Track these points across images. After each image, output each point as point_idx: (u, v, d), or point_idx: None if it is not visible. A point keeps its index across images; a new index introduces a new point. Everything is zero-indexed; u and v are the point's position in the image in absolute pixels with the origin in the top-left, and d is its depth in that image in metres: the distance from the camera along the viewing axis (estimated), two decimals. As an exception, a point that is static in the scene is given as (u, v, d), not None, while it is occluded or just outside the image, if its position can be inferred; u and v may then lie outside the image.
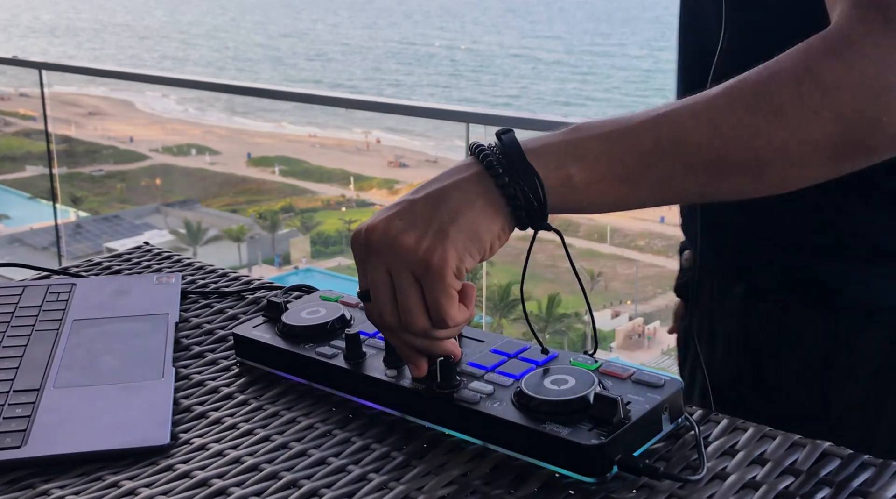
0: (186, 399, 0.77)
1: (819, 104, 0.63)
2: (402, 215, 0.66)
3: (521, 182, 0.65)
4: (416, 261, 0.64)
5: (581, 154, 0.65)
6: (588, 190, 0.66)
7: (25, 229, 9.12)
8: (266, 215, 12.94)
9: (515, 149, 0.66)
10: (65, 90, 4.71)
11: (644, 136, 0.65)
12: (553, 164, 0.65)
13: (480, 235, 0.65)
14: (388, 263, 0.66)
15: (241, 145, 14.06)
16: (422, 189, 0.67)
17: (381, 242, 0.65)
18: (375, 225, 0.66)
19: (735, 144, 0.64)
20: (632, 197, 0.67)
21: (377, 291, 0.67)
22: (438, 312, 0.65)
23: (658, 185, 0.66)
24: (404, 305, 0.66)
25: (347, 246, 0.89)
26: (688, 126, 0.65)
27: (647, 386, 0.67)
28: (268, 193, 13.77)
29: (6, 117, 7.64)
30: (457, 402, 0.68)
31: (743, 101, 0.64)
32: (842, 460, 0.64)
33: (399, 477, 0.64)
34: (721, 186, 0.67)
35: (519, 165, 0.65)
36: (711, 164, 0.65)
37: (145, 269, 1.07)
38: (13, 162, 8.26)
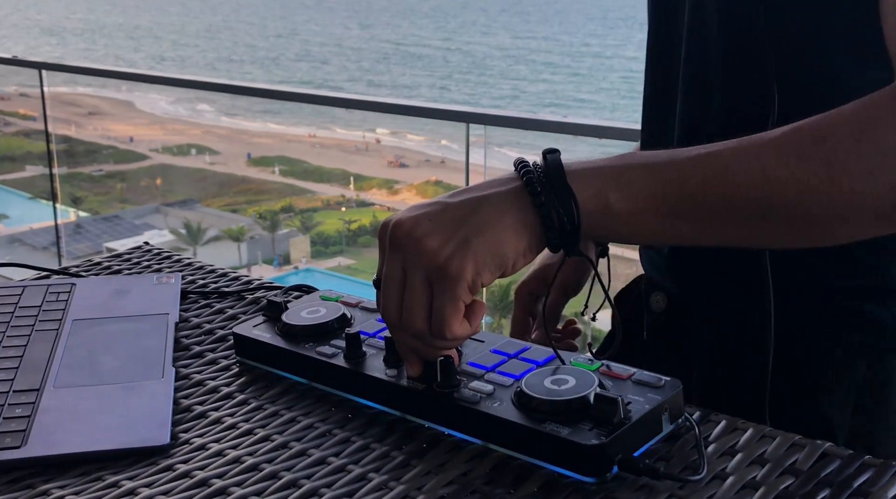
0: (186, 399, 0.77)
1: (876, 166, 0.61)
2: (431, 217, 0.65)
3: (558, 203, 0.64)
4: (434, 266, 0.64)
5: (624, 183, 0.64)
6: (626, 220, 0.65)
7: (25, 229, 9.12)
8: (266, 215, 12.94)
9: (557, 169, 0.65)
10: (52, 90, 4.70)
11: (691, 173, 0.64)
12: (593, 189, 0.64)
13: (504, 250, 0.64)
14: (405, 260, 0.65)
15: (241, 145, 14.05)
16: (459, 194, 0.67)
17: (405, 239, 0.65)
18: (403, 221, 0.66)
19: (783, 192, 0.62)
20: (670, 233, 0.66)
21: (388, 283, 0.67)
22: (440, 321, 0.65)
23: (698, 224, 0.65)
24: (408, 305, 0.66)
25: (347, 246, 0.89)
26: (736, 169, 0.63)
27: (648, 387, 0.67)
28: (268, 193, 13.77)
29: (6, 117, 7.63)
30: (457, 401, 0.68)
31: (797, 150, 0.63)
32: (842, 460, 0.64)
33: (399, 477, 0.64)
34: (764, 234, 0.66)
35: (558, 187, 0.64)
36: (756, 210, 0.64)
37: (145, 269, 1.07)
38: (13, 162, 8.25)
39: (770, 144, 0.64)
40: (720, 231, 0.66)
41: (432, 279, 0.65)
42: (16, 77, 4.98)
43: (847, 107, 0.64)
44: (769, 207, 0.63)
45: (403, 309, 0.66)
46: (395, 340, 0.70)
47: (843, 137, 0.62)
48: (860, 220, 0.64)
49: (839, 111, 0.64)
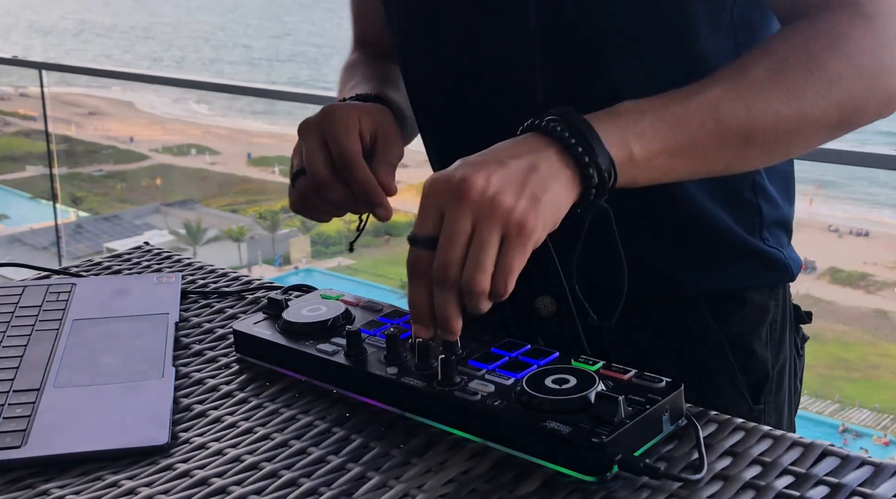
0: (186, 398, 0.77)
1: (826, 91, 0.73)
2: (498, 172, 0.66)
3: (599, 161, 0.67)
4: (511, 221, 0.64)
5: (640, 132, 0.70)
6: (645, 165, 0.70)
7: (25, 229, 9.12)
8: (266, 215, 12.94)
9: (588, 127, 0.68)
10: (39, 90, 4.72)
11: (691, 115, 0.71)
12: (618, 142, 0.69)
13: (560, 208, 0.67)
14: (479, 216, 0.65)
15: (241, 145, 14.06)
16: (505, 152, 0.68)
17: (481, 195, 0.65)
18: (472, 178, 0.65)
19: (764, 123, 0.73)
20: (676, 170, 0.73)
21: (452, 239, 0.65)
22: (508, 276, 0.65)
23: (699, 159, 0.73)
24: (479, 261, 0.64)
25: (347, 246, 0.88)
26: (726, 108, 0.72)
27: (648, 387, 0.67)
28: (268, 192, 13.76)
29: (6, 117, 7.64)
30: (457, 400, 0.68)
31: (769, 85, 0.73)
32: (841, 460, 0.64)
33: (399, 475, 0.64)
34: (743, 160, 0.76)
35: (596, 146, 0.67)
36: (743, 140, 0.73)
37: (145, 269, 1.07)
38: (13, 162, 8.26)
39: (746, 81, 0.73)
40: (713, 161, 0.74)
41: (508, 235, 0.65)
42: (6, 78, 4.98)
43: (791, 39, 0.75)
44: (753, 137, 0.73)
45: (471, 266, 0.65)
46: (439, 301, 0.67)
47: (799, 68, 0.73)
48: (815, 135, 0.76)
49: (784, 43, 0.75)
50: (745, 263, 0.87)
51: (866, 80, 0.74)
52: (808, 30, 0.75)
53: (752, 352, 0.88)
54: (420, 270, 0.67)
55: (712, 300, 0.87)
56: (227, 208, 13.31)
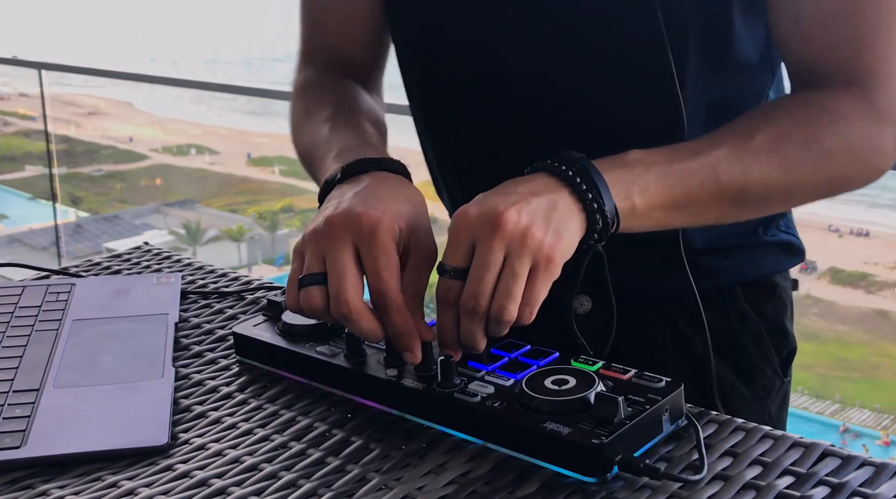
0: (186, 399, 0.77)
1: (819, 167, 0.79)
2: (526, 207, 0.68)
3: (605, 209, 0.70)
4: (541, 255, 0.67)
5: (644, 186, 0.73)
6: (644, 217, 0.74)
7: (25, 229, 9.12)
8: (266, 215, 12.94)
9: (599, 177, 0.71)
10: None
11: (692, 174, 0.75)
12: (622, 193, 0.72)
13: (573, 245, 0.70)
14: (511, 249, 0.67)
15: (241, 145, 14.05)
16: (520, 187, 0.70)
17: (514, 228, 0.67)
18: (507, 211, 0.67)
19: (756, 189, 0.78)
20: (672, 221, 0.77)
21: (485, 270, 0.67)
22: (535, 305, 0.68)
23: (694, 214, 0.78)
24: (510, 291, 0.67)
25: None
26: (724, 172, 0.76)
27: (648, 387, 0.67)
28: (268, 193, 13.76)
29: (6, 117, 7.64)
30: (457, 401, 0.68)
31: (766, 155, 0.78)
32: (842, 460, 0.64)
33: (398, 477, 0.64)
34: (737, 216, 0.82)
35: (604, 192, 0.71)
36: (736, 201, 0.79)
37: (145, 269, 1.07)
38: (13, 162, 8.26)
39: (746, 149, 0.77)
40: (707, 217, 0.79)
41: (536, 267, 0.67)
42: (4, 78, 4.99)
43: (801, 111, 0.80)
44: (745, 199, 0.79)
45: (501, 295, 0.67)
46: (466, 328, 0.69)
47: (798, 141, 0.79)
48: (801, 200, 0.84)
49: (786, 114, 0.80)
50: (770, 252, 0.94)
51: (856, 159, 0.81)
52: (813, 106, 0.80)
53: (784, 332, 0.95)
54: (450, 300, 0.70)
55: (747, 288, 0.92)
56: (227, 208, 13.31)
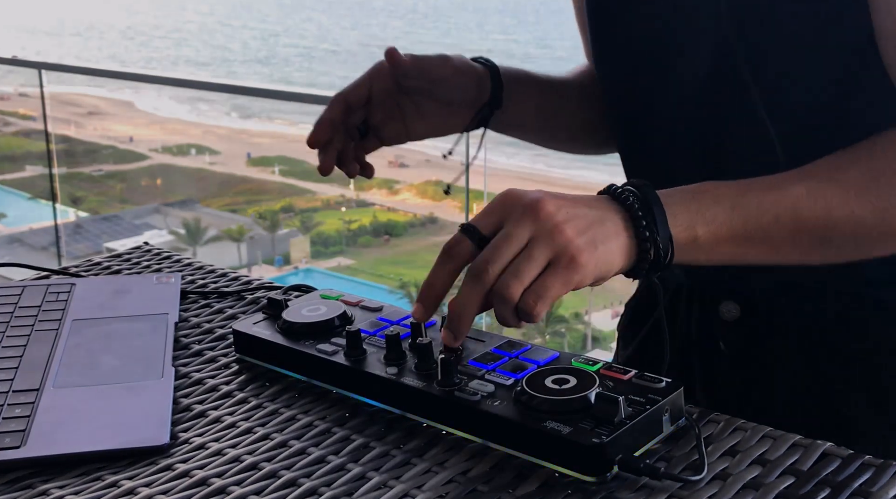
0: (186, 398, 0.77)
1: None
2: (570, 208, 0.68)
3: (659, 241, 0.69)
4: (567, 251, 0.66)
5: (710, 217, 0.71)
6: (709, 249, 0.72)
7: (25, 229, 9.12)
8: (266, 215, 12.94)
9: (658, 205, 0.70)
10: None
11: (766, 209, 0.72)
12: (684, 224, 0.70)
13: (611, 266, 0.68)
14: (538, 234, 0.66)
15: (241, 145, 14.06)
16: (581, 202, 0.70)
17: (548, 218, 0.67)
18: (547, 201, 0.67)
19: (843, 229, 0.73)
20: (744, 257, 0.74)
21: (505, 243, 0.67)
22: (541, 295, 0.66)
23: (769, 251, 0.74)
24: (518, 270, 0.66)
25: (347, 246, 0.87)
26: (805, 207, 0.72)
27: (649, 387, 0.67)
28: (268, 193, 13.77)
29: (6, 117, 7.64)
30: (457, 400, 0.68)
31: (856, 192, 0.73)
32: (842, 460, 0.64)
33: (399, 475, 0.64)
34: (822, 256, 0.77)
35: (660, 224, 0.69)
36: (818, 240, 0.74)
37: (145, 269, 1.07)
38: (13, 162, 8.26)
39: (833, 183, 0.73)
40: (786, 255, 0.75)
41: (557, 262, 0.66)
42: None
43: (890, 142, 0.74)
44: (829, 239, 0.74)
45: (511, 272, 0.66)
46: (466, 291, 0.68)
47: (893, 182, 0.73)
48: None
49: (886, 147, 0.74)
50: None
51: None
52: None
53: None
54: (454, 254, 0.69)
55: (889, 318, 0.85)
56: (227, 208, 13.31)
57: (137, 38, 47.98)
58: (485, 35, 49.70)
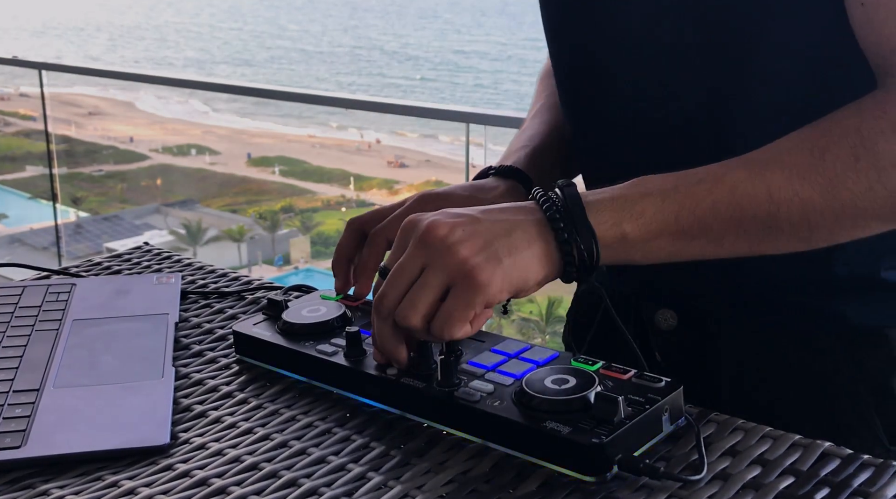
0: (186, 398, 0.77)
1: (875, 181, 0.66)
2: (465, 227, 0.67)
3: (579, 241, 0.67)
4: (462, 272, 0.65)
5: (638, 212, 0.68)
6: (641, 246, 0.69)
7: (25, 229, 9.12)
8: (266, 215, 12.94)
9: (577, 205, 0.68)
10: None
11: (702, 197, 0.68)
12: (610, 221, 0.68)
13: (527, 276, 0.67)
14: (430, 261, 0.66)
15: (241, 145, 14.06)
16: (491, 212, 0.69)
17: (439, 242, 0.66)
18: (438, 224, 0.67)
19: (790, 212, 0.67)
20: (684, 252, 0.70)
21: (399, 274, 0.67)
22: (446, 321, 0.66)
23: (711, 243, 0.69)
24: (413, 299, 0.66)
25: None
26: (744, 193, 0.67)
27: (648, 387, 0.67)
28: (268, 193, 13.77)
29: (6, 117, 7.64)
30: (457, 400, 0.68)
31: (799, 171, 0.67)
32: (842, 460, 0.64)
33: (398, 475, 0.64)
34: (775, 245, 0.70)
35: (579, 224, 0.67)
36: (765, 227, 0.68)
37: (145, 269, 1.07)
38: (13, 162, 8.25)
39: (775, 163, 0.68)
40: (730, 247, 0.70)
41: (455, 284, 0.65)
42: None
43: (840, 118, 0.68)
44: (776, 224, 0.68)
45: (406, 302, 0.66)
46: (376, 328, 0.70)
47: (842, 154, 0.67)
48: (861, 225, 0.70)
49: (833, 124, 0.68)
50: (882, 297, 0.80)
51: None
52: (872, 109, 0.68)
53: (890, 394, 0.80)
54: (375, 298, 0.70)
55: (849, 337, 0.80)
56: (227, 208, 13.31)
57: (120, 39, 47.91)
58: (483, 35, 49.71)
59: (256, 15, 61.67)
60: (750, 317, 0.82)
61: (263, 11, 63.03)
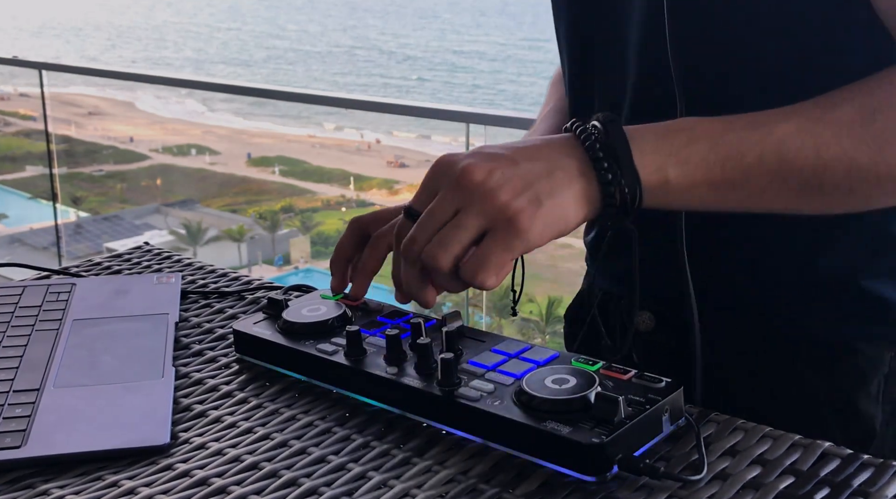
0: (186, 398, 0.77)
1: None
2: (504, 169, 0.64)
3: (623, 183, 0.64)
4: (503, 217, 0.63)
5: (684, 158, 0.66)
6: (682, 193, 0.66)
7: (25, 229, 9.12)
8: (266, 215, 12.94)
9: (623, 145, 0.65)
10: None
11: (749, 148, 0.66)
12: (654, 165, 0.65)
13: (567, 217, 0.65)
14: (466, 204, 0.64)
15: (241, 145, 14.05)
16: (528, 150, 0.66)
17: (476, 187, 0.64)
18: (474, 167, 0.64)
19: (835, 170, 0.66)
20: (722, 202, 0.68)
21: (430, 216, 0.65)
22: (482, 265, 0.64)
23: (751, 196, 0.68)
24: (446, 240, 0.64)
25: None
26: (792, 147, 0.66)
27: (648, 387, 0.67)
28: (268, 193, 13.76)
29: (6, 117, 7.64)
30: (457, 400, 0.68)
31: (849, 130, 0.66)
32: (842, 460, 0.64)
33: (399, 475, 0.64)
34: (810, 204, 0.69)
35: (624, 165, 0.65)
36: (808, 184, 0.67)
37: (145, 269, 1.07)
38: (13, 162, 8.25)
39: (825, 121, 0.66)
40: (770, 201, 0.68)
41: (495, 228, 0.63)
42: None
43: (888, 77, 0.67)
44: (820, 183, 0.67)
45: (436, 241, 0.64)
46: (402, 272, 0.68)
47: (892, 115, 0.66)
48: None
49: (882, 83, 0.67)
50: (856, 308, 0.78)
51: None
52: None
53: (854, 408, 0.78)
54: (404, 238, 0.68)
55: (819, 347, 0.78)
56: (227, 208, 13.31)
57: (117, 38, 47.92)
58: (482, 35, 49.70)
59: (255, 15, 61.71)
60: (725, 322, 0.81)
61: (263, 12, 63.05)
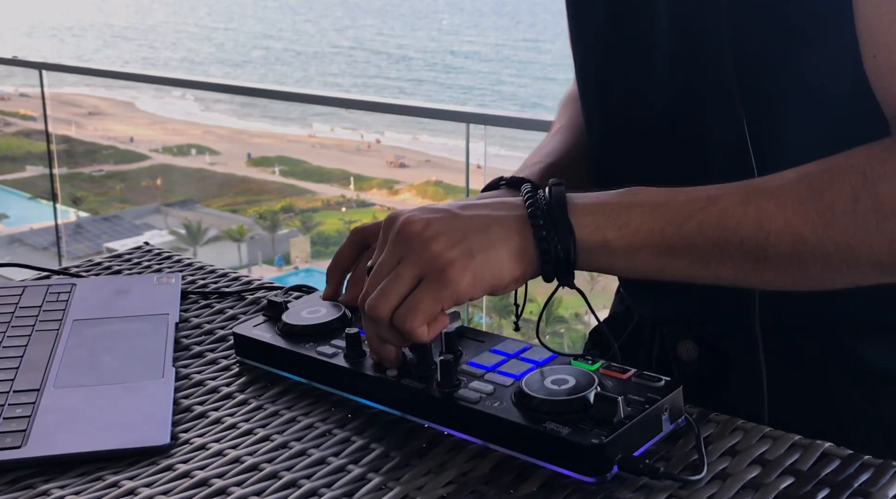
0: (186, 399, 0.77)
1: (873, 226, 0.63)
2: (441, 223, 0.67)
3: (557, 239, 0.66)
4: (435, 266, 0.66)
5: (623, 221, 0.67)
6: (623, 256, 0.67)
7: (25, 229, 9.12)
8: (266, 215, 12.93)
9: (560, 204, 0.67)
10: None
11: (689, 216, 0.66)
12: (592, 226, 0.67)
13: (502, 274, 0.67)
14: (403, 255, 0.67)
15: (241, 145, 14.05)
16: (470, 208, 0.69)
17: (413, 237, 0.67)
18: (414, 220, 0.68)
19: (777, 241, 0.65)
20: (669, 269, 0.68)
21: (377, 272, 0.69)
22: (410, 311, 0.66)
23: (694, 264, 0.67)
24: (384, 289, 0.67)
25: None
26: (733, 216, 0.65)
27: (648, 386, 0.67)
28: (268, 193, 13.76)
29: (6, 117, 7.64)
30: (457, 401, 0.68)
31: (794, 205, 0.65)
32: (842, 460, 0.64)
33: (398, 477, 0.64)
34: (762, 277, 0.68)
35: (559, 222, 0.67)
36: (752, 254, 0.66)
37: (145, 269, 1.07)
38: (13, 162, 8.25)
39: (770, 192, 0.66)
40: (715, 271, 0.68)
41: (426, 278, 0.66)
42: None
43: (846, 157, 0.66)
44: (764, 254, 0.65)
45: (377, 292, 0.67)
46: (364, 327, 0.71)
47: (841, 193, 0.64)
48: (856, 271, 0.66)
49: (839, 162, 0.66)
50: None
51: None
52: (880, 152, 0.65)
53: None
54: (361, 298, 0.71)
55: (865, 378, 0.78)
56: (227, 208, 13.30)
57: (113, 38, 47.92)
58: (479, 35, 49.67)
59: (252, 15, 61.73)
60: (769, 353, 0.80)
61: (258, 12, 63.06)
